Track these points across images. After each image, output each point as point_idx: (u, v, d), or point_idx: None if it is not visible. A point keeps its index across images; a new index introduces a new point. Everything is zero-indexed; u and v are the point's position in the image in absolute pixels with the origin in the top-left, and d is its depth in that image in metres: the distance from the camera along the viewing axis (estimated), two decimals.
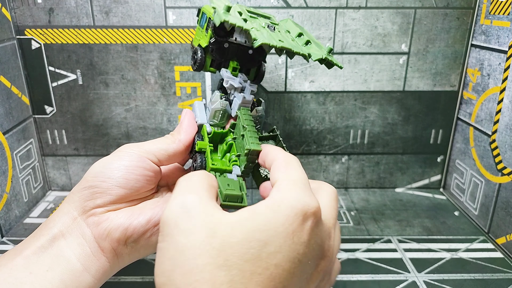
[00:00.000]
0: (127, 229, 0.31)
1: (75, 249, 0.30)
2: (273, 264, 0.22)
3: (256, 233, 0.22)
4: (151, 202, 0.35)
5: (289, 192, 0.25)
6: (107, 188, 0.32)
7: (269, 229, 0.22)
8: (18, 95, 0.59)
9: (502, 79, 0.53)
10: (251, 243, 0.22)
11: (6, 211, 0.55)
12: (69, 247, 0.30)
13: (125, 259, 0.33)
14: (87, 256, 0.31)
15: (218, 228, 0.23)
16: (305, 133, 0.66)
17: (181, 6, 0.58)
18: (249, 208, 0.24)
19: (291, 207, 0.23)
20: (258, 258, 0.22)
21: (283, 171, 0.28)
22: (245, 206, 0.29)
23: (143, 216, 0.32)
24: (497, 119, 0.54)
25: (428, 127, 0.66)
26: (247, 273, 0.21)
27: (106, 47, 0.60)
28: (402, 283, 0.46)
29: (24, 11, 0.58)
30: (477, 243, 0.55)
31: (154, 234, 0.33)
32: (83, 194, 0.32)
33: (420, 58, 0.62)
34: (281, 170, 0.28)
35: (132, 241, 0.32)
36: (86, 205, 0.32)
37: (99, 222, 0.31)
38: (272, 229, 0.22)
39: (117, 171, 0.32)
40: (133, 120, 0.64)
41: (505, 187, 0.52)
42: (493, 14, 0.55)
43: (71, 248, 0.30)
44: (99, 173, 0.32)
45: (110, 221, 0.31)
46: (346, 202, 0.65)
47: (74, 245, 0.31)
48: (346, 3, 0.59)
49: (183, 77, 0.62)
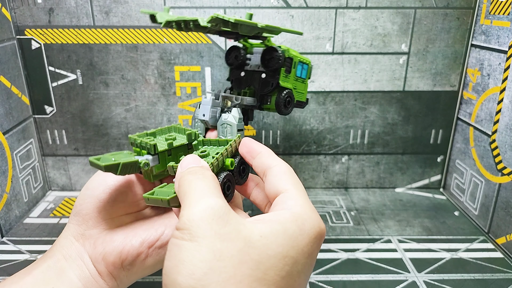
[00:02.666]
0: (121, 252, 0.32)
1: (75, 271, 0.32)
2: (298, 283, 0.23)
3: (290, 250, 0.23)
4: (146, 222, 0.35)
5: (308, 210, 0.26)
6: (93, 208, 0.33)
7: (298, 247, 0.23)
8: (18, 95, 0.59)
9: (502, 79, 0.53)
10: (285, 259, 0.22)
11: (6, 211, 0.55)
12: (71, 268, 0.32)
13: (124, 281, 0.33)
14: (87, 278, 0.32)
15: (253, 238, 0.22)
16: (305, 133, 0.66)
17: (181, 6, 0.58)
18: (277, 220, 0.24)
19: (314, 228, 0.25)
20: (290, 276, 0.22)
21: (291, 182, 0.28)
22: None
23: (136, 238, 0.32)
24: (497, 119, 0.54)
25: (428, 127, 0.66)
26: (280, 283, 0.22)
27: (106, 47, 0.60)
28: (402, 283, 0.46)
29: (24, 11, 0.58)
30: (477, 243, 0.55)
31: (149, 255, 0.33)
32: (75, 220, 0.33)
33: (420, 58, 0.62)
34: (288, 181, 0.28)
35: (128, 264, 0.32)
36: (80, 229, 0.33)
37: (95, 245, 0.32)
38: (300, 247, 0.23)
39: (98, 187, 0.33)
40: (133, 120, 0.64)
41: (505, 187, 0.52)
42: (493, 14, 0.55)
43: (73, 269, 0.32)
44: (83, 195, 0.34)
45: (104, 245, 0.32)
46: (346, 202, 0.65)
47: (74, 266, 0.32)
48: (346, 3, 0.59)
49: (183, 77, 0.62)
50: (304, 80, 0.41)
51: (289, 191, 0.27)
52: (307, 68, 0.41)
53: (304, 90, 0.42)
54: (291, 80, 0.40)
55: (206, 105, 0.37)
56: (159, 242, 0.33)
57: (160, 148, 0.33)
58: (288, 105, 0.40)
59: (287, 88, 0.39)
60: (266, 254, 0.22)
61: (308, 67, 0.41)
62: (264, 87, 0.39)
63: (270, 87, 0.39)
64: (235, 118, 0.36)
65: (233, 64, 0.41)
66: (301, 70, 0.41)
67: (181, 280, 0.21)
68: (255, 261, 0.21)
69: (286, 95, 0.39)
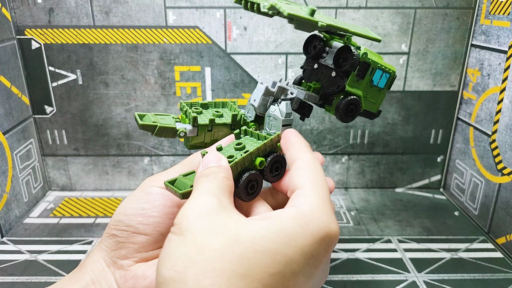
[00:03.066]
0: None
1: None
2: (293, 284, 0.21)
3: (284, 247, 0.21)
4: None
5: (318, 210, 0.24)
6: (128, 237, 0.31)
7: (297, 246, 0.21)
8: (18, 95, 0.59)
9: (502, 79, 0.53)
10: (276, 256, 0.21)
11: (6, 211, 0.55)
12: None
13: None
14: None
15: (242, 232, 0.22)
16: (305, 133, 0.66)
17: (181, 6, 0.58)
18: (275, 215, 0.23)
19: (320, 229, 0.23)
20: (282, 275, 0.21)
21: (309, 179, 0.26)
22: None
23: None
24: (497, 119, 0.54)
25: (428, 127, 0.66)
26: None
27: (106, 47, 0.60)
28: (402, 283, 0.46)
29: (24, 11, 0.58)
30: (477, 243, 0.55)
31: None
32: (108, 243, 0.31)
33: (420, 58, 0.62)
34: (306, 177, 0.27)
35: None
36: (113, 255, 0.31)
37: (126, 278, 0.30)
38: (299, 247, 0.22)
39: (135, 216, 0.31)
40: (133, 120, 0.64)
41: (505, 187, 0.52)
42: (493, 14, 0.55)
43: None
44: (119, 221, 0.31)
45: (135, 280, 0.30)
46: (346, 202, 0.65)
47: None
48: (346, 3, 0.59)
49: (183, 77, 0.62)
50: (381, 89, 0.37)
51: (304, 187, 0.26)
52: (388, 77, 0.37)
53: (378, 100, 0.38)
54: (363, 86, 0.36)
55: (258, 91, 0.35)
56: None
57: (201, 122, 0.33)
58: (350, 113, 0.36)
59: (354, 94, 0.36)
60: (253, 249, 0.21)
61: (390, 77, 0.37)
62: (330, 87, 0.36)
63: (335, 89, 0.35)
64: (281, 112, 0.34)
65: (309, 54, 0.38)
66: (380, 79, 0.37)
67: (163, 272, 0.22)
68: (239, 255, 0.21)
69: (349, 102, 0.35)
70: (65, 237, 0.55)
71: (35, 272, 0.47)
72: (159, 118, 0.34)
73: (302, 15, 0.27)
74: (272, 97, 0.35)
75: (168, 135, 0.33)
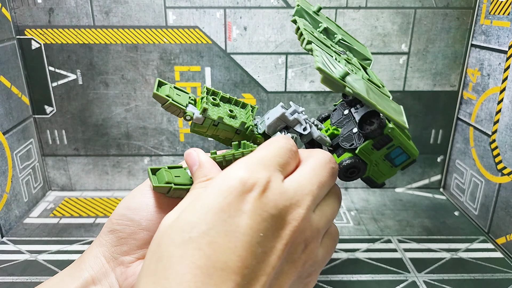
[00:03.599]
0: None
1: None
2: (206, 242, 0.21)
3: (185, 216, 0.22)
4: None
5: (229, 168, 0.23)
6: (131, 233, 0.30)
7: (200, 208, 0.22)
8: (18, 95, 0.59)
9: (502, 79, 0.53)
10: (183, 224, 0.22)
11: (6, 211, 0.55)
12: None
13: None
14: None
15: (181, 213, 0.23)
16: None
17: (181, 6, 0.58)
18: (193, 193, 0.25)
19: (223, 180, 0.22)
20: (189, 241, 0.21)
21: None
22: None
23: None
24: (497, 119, 0.54)
25: (428, 127, 0.66)
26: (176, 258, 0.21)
27: (106, 47, 0.60)
28: (402, 283, 0.46)
29: (24, 11, 0.58)
30: (477, 243, 0.55)
31: None
32: (109, 238, 0.31)
33: (420, 58, 0.62)
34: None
35: None
36: (114, 251, 0.30)
37: (126, 275, 0.30)
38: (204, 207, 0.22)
39: (139, 211, 0.30)
40: (133, 120, 0.64)
41: (505, 187, 0.52)
42: (493, 14, 0.55)
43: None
44: (122, 215, 0.31)
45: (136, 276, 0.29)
46: (346, 202, 0.65)
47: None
48: (346, 3, 0.59)
49: (183, 77, 0.62)
50: (394, 167, 0.35)
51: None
52: (406, 160, 0.35)
53: (386, 174, 0.36)
54: (376, 156, 0.34)
55: (275, 113, 0.34)
56: None
57: (210, 114, 0.33)
58: (350, 175, 0.35)
59: (362, 159, 0.34)
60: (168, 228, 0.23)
61: (408, 160, 0.35)
62: (345, 140, 0.35)
63: (348, 145, 0.34)
64: None
65: (348, 98, 0.36)
66: (397, 157, 0.35)
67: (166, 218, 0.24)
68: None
69: (352, 165, 0.34)
70: (65, 237, 0.55)
71: (35, 272, 0.47)
72: (175, 92, 0.34)
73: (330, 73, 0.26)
74: (285, 124, 0.34)
75: (175, 113, 0.33)
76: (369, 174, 0.35)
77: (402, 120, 0.31)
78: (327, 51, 0.32)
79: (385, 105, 0.30)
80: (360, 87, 0.29)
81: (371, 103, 0.28)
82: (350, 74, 0.28)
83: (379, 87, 0.34)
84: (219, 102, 0.36)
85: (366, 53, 0.40)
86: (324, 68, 0.26)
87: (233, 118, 0.35)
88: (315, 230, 0.25)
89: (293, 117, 0.34)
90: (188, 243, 0.21)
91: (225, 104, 0.37)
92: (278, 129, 0.34)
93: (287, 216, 0.23)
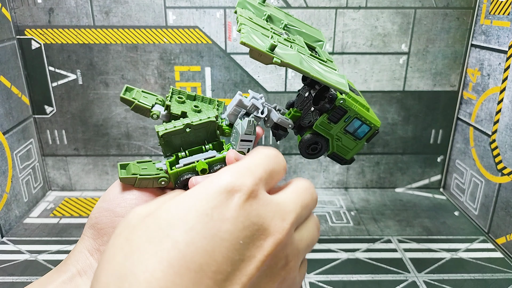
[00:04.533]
0: None
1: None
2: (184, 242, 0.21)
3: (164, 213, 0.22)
4: None
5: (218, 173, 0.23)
6: (108, 222, 0.31)
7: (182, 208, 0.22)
8: (18, 95, 0.59)
9: (502, 79, 0.53)
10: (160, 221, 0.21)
11: (6, 211, 0.55)
12: (86, 285, 0.30)
13: None
14: None
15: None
16: None
17: (181, 6, 0.58)
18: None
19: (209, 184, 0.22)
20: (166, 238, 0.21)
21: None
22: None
23: None
24: (497, 119, 0.54)
25: (428, 127, 0.66)
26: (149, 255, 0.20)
27: (106, 47, 0.60)
28: (402, 283, 0.46)
29: (24, 11, 0.58)
30: (477, 243, 0.55)
31: None
32: (90, 233, 0.32)
33: (420, 58, 0.62)
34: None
35: None
36: (95, 243, 0.32)
37: None
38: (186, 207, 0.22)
39: (114, 200, 0.32)
40: (133, 120, 0.64)
41: (505, 187, 0.52)
42: (493, 14, 0.55)
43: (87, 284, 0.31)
44: (99, 208, 0.32)
45: None
46: (346, 202, 0.65)
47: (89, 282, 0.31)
48: (346, 3, 0.59)
49: (183, 77, 0.62)
50: (358, 140, 0.36)
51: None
52: (368, 131, 0.35)
53: (352, 148, 0.36)
54: (336, 131, 0.35)
55: (233, 101, 0.35)
56: None
57: (173, 111, 0.35)
58: (312, 151, 0.36)
59: (322, 135, 0.35)
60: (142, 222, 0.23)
61: (370, 131, 0.35)
62: (304, 119, 0.36)
63: (307, 123, 0.35)
64: (242, 128, 0.34)
65: (305, 80, 0.37)
66: (358, 129, 0.35)
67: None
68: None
69: (312, 142, 0.35)
70: (65, 237, 0.55)
71: (35, 272, 0.47)
72: (142, 95, 0.36)
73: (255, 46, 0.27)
74: (245, 110, 0.35)
75: (143, 114, 0.36)
76: (334, 150, 0.36)
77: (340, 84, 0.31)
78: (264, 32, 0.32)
79: (323, 74, 0.31)
80: (291, 58, 0.29)
81: (302, 71, 0.29)
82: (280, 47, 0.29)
83: (325, 62, 0.34)
84: (184, 99, 0.37)
85: (319, 36, 0.40)
86: (250, 43, 0.27)
87: (198, 112, 0.36)
88: (295, 249, 0.25)
89: (250, 102, 0.35)
90: (165, 240, 0.21)
91: (193, 102, 0.38)
92: (239, 116, 0.36)
93: (270, 227, 0.23)
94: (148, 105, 0.36)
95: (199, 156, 0.34)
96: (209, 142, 0.35)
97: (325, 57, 0.36)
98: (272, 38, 0.31)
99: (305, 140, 0.35)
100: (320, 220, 0.60)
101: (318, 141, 0.35)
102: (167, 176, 0.33)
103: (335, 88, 0.31)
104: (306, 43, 0.37)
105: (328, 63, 0.34)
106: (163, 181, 0.33)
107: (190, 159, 0.34)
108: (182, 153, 0.34)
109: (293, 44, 0.34)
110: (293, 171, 0.68)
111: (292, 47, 0.32)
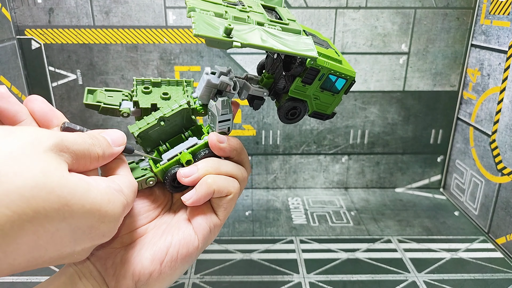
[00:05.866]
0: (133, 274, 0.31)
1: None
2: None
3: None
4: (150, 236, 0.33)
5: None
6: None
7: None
8: (18, 95, 0.59)
9: (502, 79, 0.53)
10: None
11: None
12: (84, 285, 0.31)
13: None
14: None
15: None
16: (305, 133, 0.66)
17: (181, 6, 0.58)
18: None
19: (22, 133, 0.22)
20: None
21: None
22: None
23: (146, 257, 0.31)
24: (497, 119, 0.54)
25: (428, 127, 0.66)
26: None
27: (106, 47, 0.60)
28: (402, 283, 0.46)
29: (24, 11, 0.58)
30: (477, 243, 0.55)
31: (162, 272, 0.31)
32: None
33: (420, 58, 0.62)
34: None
35: (143, 284, 0.31)
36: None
37: (105, 267, 0.31)
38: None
39: None
40: (133, 120, 0.64)
41: (505, 187, 0.52)
42: (493, 14, 0.55)
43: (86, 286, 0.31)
44: None
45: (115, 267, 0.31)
46: (346, 202, 0.65)
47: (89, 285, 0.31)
48: (346, 3, 0.59)
49: (183, 77, 0.62)
50: (336, 94, 0.35)
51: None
52: (345, 83, 0.35)
53: (331, 102, 0.36)
54: (312, 90, 0.34)
55: (201, 82, 0.34)
56: (168, 257, 0.31)
57: (143, 105, 0.33)
58: (291, 116, 0.36)
59: (300, 98, 0.35)
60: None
61: (346, 83, 0.35)
62: (278, 85, 0.35)
63: (282, 89, 0.34)
64: (217, 110, 0.33)
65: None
66: (334, 83, 0.35)
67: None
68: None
69: (290, 107, 0.35)
70: None
71: (35, 272, 0.47)
72: (107, 95, 0.34)
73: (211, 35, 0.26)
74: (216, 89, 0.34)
75: (113, 114, 0.33)
76: (314, 109, 0.36)
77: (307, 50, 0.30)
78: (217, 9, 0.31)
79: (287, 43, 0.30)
80: (251, 36, 0.29)
81: (265, 47, 0.28)
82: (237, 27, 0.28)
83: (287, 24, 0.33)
84: (151, 89, 0.35)
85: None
86: (204, 33, 0.26)
87: (168, 100, 0.34)
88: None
89: (219, 80, 0.33)
90: None
91: (159, 89, 0.36)
92: (212, 95, 0.34)
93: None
94: (115, 105, 0.33)
95: (181, 147, 0.33)
96: (187, 129, 0.34)
97: (286, 17, 0.34)
98: (226, 14, 0.30)
99: (283, 108, 0.35)
100: (320, 220, 0.60)
101: (296, 105, 0.35)
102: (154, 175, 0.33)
103: (303, 56, 0.30)
104: (263, 5, 0.36)
105: (291, 25, 0.33)
106: (151, 180, 0.32)
107: (173, 152, 0.33)
108: (163, 147, 0.34)
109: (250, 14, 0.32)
110: (293, 171, 0.68)
111: (249, 19, 0.31)
